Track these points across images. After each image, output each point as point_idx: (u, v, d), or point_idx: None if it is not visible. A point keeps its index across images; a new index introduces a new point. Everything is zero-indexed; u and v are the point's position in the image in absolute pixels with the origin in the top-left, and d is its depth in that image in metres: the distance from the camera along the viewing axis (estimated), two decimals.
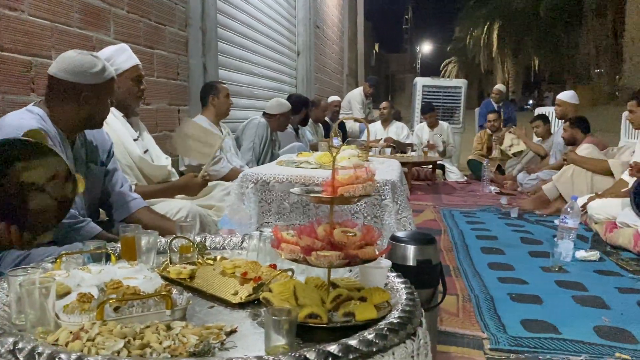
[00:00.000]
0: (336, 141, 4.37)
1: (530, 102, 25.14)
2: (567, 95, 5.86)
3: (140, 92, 2.52)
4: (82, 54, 1.83)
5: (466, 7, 30.58)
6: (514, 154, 6.69)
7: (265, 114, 4.35)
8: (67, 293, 1.18)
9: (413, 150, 6.64)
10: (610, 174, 4.31)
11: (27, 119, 1.73)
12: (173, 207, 2.38)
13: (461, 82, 8.58)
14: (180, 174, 3.16)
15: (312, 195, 1.16)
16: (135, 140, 2.52)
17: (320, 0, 8.86)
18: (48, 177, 1.36)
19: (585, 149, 4.69)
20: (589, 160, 4.53)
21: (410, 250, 1.67)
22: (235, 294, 1.24)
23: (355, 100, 8.30)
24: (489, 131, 7.16)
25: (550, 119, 6.93)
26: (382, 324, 1.00)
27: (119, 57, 2.42)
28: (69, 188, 1.38)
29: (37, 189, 1.35)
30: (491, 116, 7.12)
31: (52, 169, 1.35)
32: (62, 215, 1.40)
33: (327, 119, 6.93)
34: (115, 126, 2.39)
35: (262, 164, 3.91)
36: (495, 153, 6.92)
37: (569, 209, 3.12)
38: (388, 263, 1.30)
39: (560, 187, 4.53)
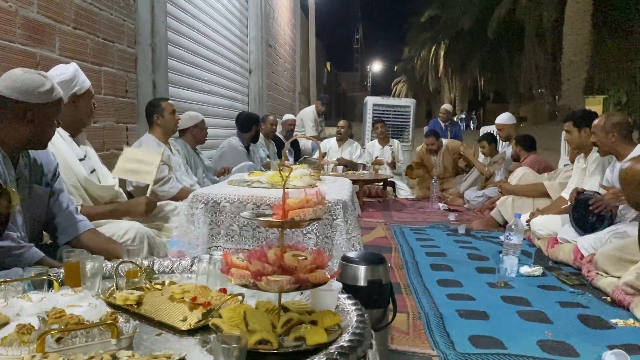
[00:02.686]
0: (291, 160, 4.37)
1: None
2: (504, 118, 6.09)
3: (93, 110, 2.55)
4: (29, 72, 1.78)
5: (414, 29, 31.49)
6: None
7: (179, 132, 4.17)
8: (6, 323, 1.13)
9: (364, 169, 6.73)
10: (548, 195, 4.45)
11: None
12: (120, 228, 2.33)
13: (410, 102, 8.79)
14: (128, 194, 3.09)
15: (262, 219, 1.16)
16: (81, 160, 2.46)
17: (272, 19, 8.93)
18: None
19: (520, 172, 4.84)
20: (522, 187, 4.65)
21: (361, 270, 1.69)
22: (184, 320, 1.22)
23: (308, 118, 8.36)
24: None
25: (496, 138, 7.19)
26: (332, 348, 1.01)
27: (81, 75, 2.42)
28: (3, 203, 1.33)
29: None
30: (429, 140, 7.19)
31: None
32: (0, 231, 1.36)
33: (280, 136, 6.93)
34: (60, 146, 2.32)
35: (198, 182, 3.87)
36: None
37: (513, 226, 3.23)
38: (339, 285, 1.31)
39: (504, 214, 4.64)
